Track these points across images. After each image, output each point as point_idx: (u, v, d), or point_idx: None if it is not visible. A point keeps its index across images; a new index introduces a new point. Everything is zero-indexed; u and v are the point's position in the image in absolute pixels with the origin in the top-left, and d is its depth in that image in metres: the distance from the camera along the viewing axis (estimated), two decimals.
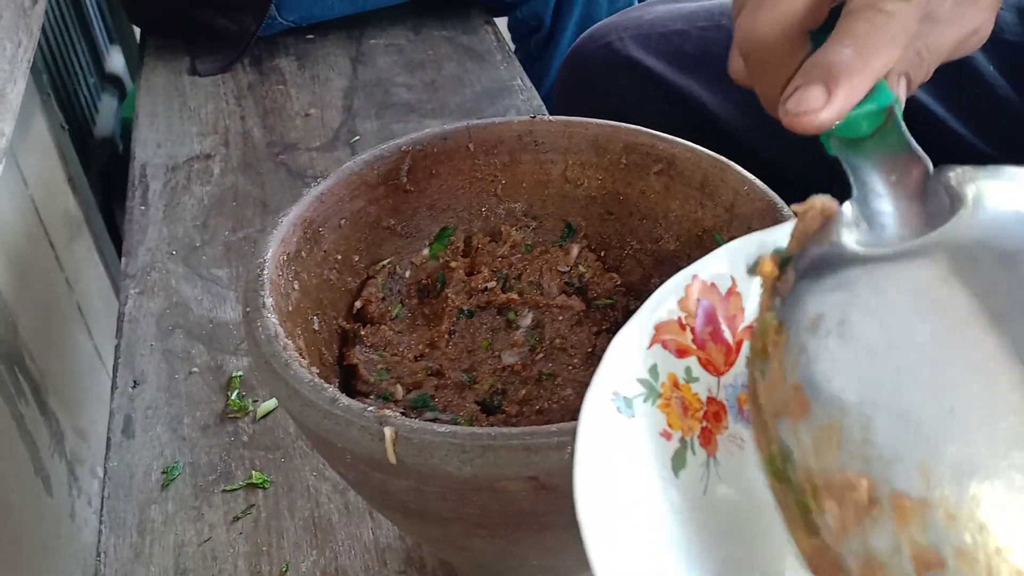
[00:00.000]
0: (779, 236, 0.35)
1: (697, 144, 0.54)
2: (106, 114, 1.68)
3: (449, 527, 0.42)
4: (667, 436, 0.31)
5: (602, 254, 0.59)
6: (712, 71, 0.82)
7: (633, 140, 0.56)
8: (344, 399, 0.38)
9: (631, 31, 0.88)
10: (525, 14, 1.32)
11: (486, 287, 0.56)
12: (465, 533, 0.42)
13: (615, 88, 0.89)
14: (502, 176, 0.58)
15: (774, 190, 0.50)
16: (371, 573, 0.57)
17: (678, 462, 0.31)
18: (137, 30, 1.40)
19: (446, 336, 0.54)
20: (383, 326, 0.54)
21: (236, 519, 0.60)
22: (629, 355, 0.32)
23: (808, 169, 0.62)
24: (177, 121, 1.06)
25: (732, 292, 0.34)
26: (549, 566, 0.46)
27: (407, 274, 0.57)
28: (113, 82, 1.81)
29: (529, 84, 1.10)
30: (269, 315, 0.42)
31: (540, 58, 1.36)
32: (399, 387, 0.51)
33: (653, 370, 0.32)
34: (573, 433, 0.30)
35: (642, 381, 0.32)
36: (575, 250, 0.58)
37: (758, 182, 0.50)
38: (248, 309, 0.43)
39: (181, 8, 1.16)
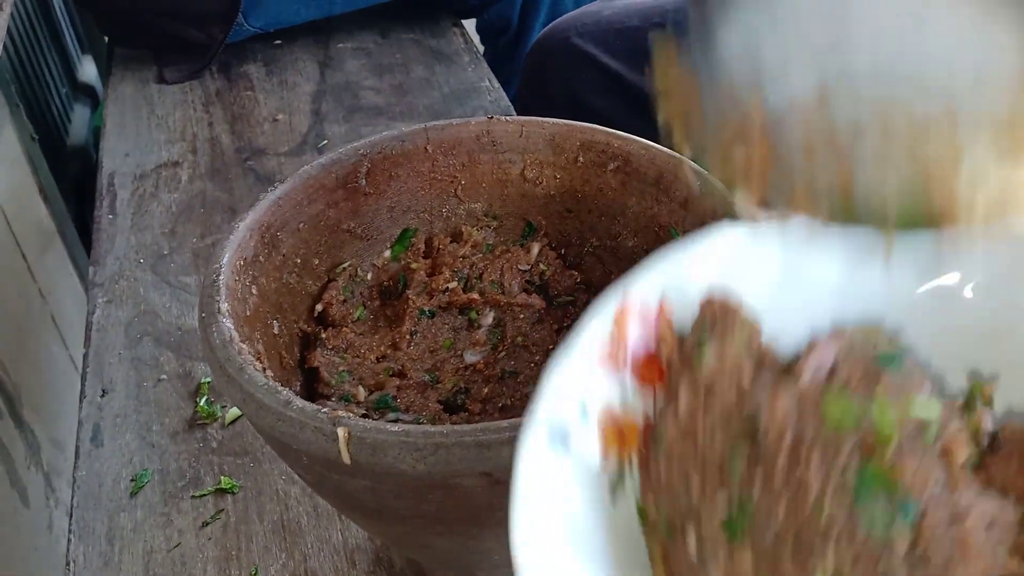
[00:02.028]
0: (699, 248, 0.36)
1: (650, 135, 0.55)
2: (78, 123, 1.68)
3: (408, 525, 0.43)
4: (604, 463, 0.31)
5: (562, 252, 0.60)
6: None
7: (589, 138, 0.57)
8: (298, 401, 0.39)
9: (589, 27, 0.89)
10: (492, 16, 1.33)
11: (447, 287, 0.56)
12: (425, 530, 0.43)
13: (576, 82, 0.90)
14: (461, 177, 0.59)
15: None
16: (340, 574, 0.58)
17: (617, 485, 0.31)
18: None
19: (408, 337, 0.55)
20: (344, 328, 0.54)
21: (205, 524, 0.61)
22: (561, 388, 0.31)
23: None
24: (145, 129, 1.06)
25: (661, 312, 0.34)
26: (512, 561, 0.47)
27: (368, 276, 0.57)
28: (85, 91, 1.80)
29: (497, 85, 1.11)
30: (224, 320, 0.43)
31: (509, 58, 1.36)
32: (361, 388, 0.52)
33: (585, 401, 0.32)
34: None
35: (576, 413, 0.31)
36: (535, 248, 0.59)
37: (711, 177, 0.51)
38: (203, 314, 0.43)
39: (148, 19, 1.16)
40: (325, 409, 0.38)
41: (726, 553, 0.28)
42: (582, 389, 0.32)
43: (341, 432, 0.37)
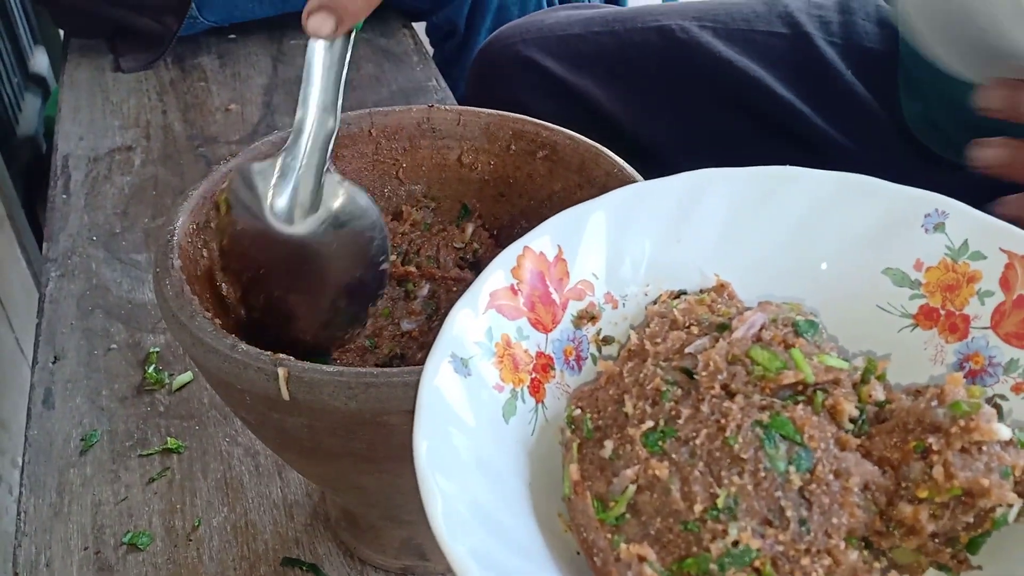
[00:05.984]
0: (594, 209, 0.41)
1: (588, 132, 0.60)
2: (29, 113, 1.69)
3: (341, 463, 0.47)
4: (499, 389, 0.37)
5: (494, 232, 0.64)
6: (603, 70, 0.89)
7: (520, 128, 0.62)
8: (243, 345, 0.43)
9: (532, 34, 0.95)
10: (440, 20, 1.38)
11: None
12: (355, 468, 0.47)
13: (518, 85, 0.95)
14: (403, 160, 0.63)
15: (650, 167, 0.56)
16: (279, 526, 0.62)
17: (509, 410, 0.37)
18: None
19: None
20: None
21: (152, 480, 0.64)
22: (466, 321, 0.36)
23: (676, 150, 0.69)
24: (100, 115, 1.09)
25: (559, 259, 0.40)
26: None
27: None
28: (37, 82, 1.81)
29: (444, 84, 1.16)
30: (177, 274, 0.47)
31: (456, 61, 1.41)
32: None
33: (488, 332, 0.37)
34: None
35: (478, 343, 0.36)
36: (470, 229, 0.64)
37: (626, 165, 0.56)
38: (157, 269, 0.47)
39: (103, 10, 1.19)
40: (267, 352, 0.43)
41: (642, 459, 0.34)
42: (484, 322, 0.37)
43: (281, 371, 0.42)
